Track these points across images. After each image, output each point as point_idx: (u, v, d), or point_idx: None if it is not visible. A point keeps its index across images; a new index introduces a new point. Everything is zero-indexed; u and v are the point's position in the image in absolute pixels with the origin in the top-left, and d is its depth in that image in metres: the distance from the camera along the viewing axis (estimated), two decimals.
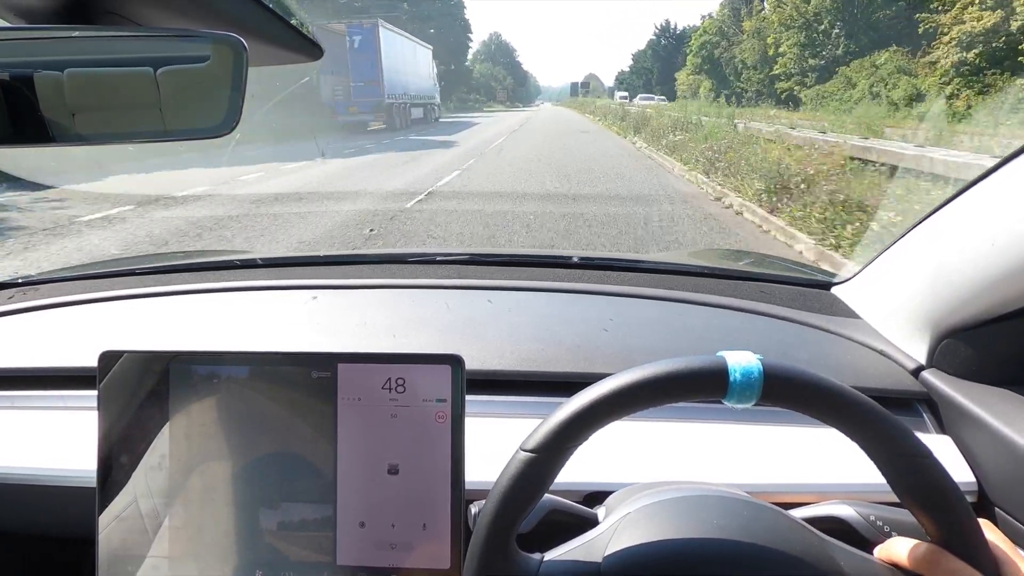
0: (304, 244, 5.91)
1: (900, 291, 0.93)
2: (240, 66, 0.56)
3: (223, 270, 1.35)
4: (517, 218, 6.86)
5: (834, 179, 6.74)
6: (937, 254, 0.83)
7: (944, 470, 0.53)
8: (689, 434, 0.81)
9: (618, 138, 20.06)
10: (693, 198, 8.47)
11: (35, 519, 0.82)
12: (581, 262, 1.33)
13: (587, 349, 0.94)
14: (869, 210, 5.76)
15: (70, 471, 0.77)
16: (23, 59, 0.55)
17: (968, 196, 0.78)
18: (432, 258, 1.34)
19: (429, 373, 0.63)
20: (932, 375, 0.87)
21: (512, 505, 0.53)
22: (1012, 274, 0.72)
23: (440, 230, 6.41)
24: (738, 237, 6.31)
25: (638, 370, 0.53)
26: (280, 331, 1.03)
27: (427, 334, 0.99)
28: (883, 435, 0.52)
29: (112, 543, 0.63)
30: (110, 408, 0.63)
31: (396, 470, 0.63)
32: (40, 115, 0.55)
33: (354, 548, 0.62)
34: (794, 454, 0.79)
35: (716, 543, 0.56)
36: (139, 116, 0.58)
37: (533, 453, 0.53)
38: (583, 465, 0.64)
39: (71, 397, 0.89)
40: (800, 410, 0.53)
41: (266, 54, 0.65)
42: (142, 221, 7.07)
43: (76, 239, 6.21)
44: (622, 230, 6.26)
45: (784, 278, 1.27)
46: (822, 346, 0.99)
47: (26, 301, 1.14)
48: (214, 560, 0.63)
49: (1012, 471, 0.71)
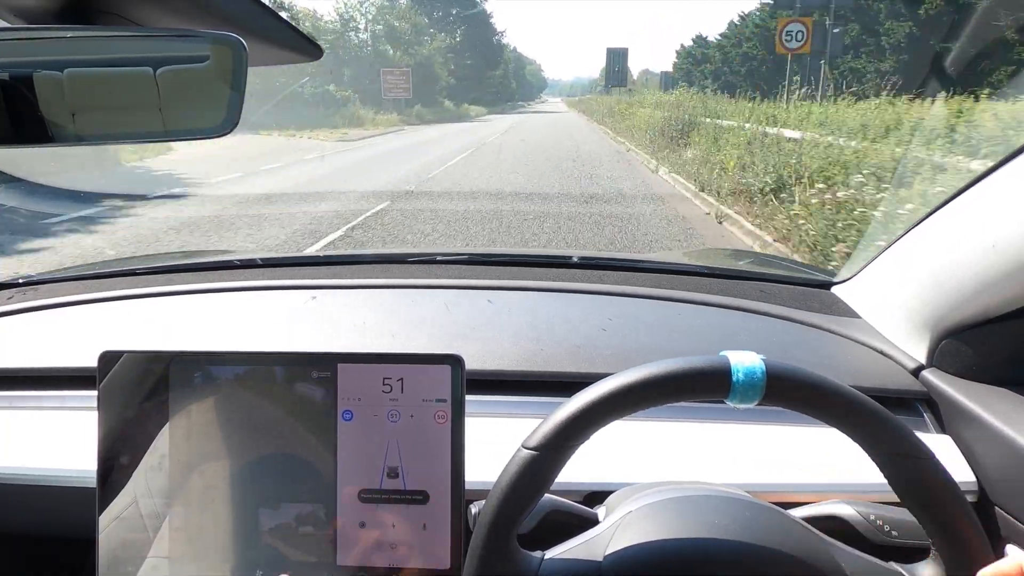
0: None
1: (900, 291, 0.93)
2: (240, 66, 0.56)
3: (223, 270, 1.35)
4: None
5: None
6: (937, 254, 0.83)
7: (945, 471, 0.53)
8: (689, 434, 0.81)
9: None
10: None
11: (35, 519, 0.82)
12: (581, 262, 1.33)
13: (587, 349, 0.94)
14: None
15: (70, 471, 0.77)
16: (23, 59, 0.55)
17: (968, 196, 0.78)
18: (432, 258, 1.34)
19: (429, 373, 0.63)
20: (932, 375, 0.87)
21: (513, 503, 0.53)
22: (1012, 274, 0.71)
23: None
24: None
25: (641, 369, 0.53)
26: (280, 331, 1.03)
27: (427, 334, 0.99)
28: (884, 436, 0.52)
29: (112, 543, 0.63)
30: (110, 408, 0.63)
31: (396, 470, 0.63)
32: (40, 115, 0.55)
33: (354, 548, 0.62)
34: (794, 454, 0.79)
35: (716, 543, 0.56)
36: (139, 116, 0.58)
37: (535, 451, 0.53)
38: (583, 465, 0.64)
39: (71, 397, 0.89)
40: (802, 410, 0.53)
41: (266, 54, 0.65)
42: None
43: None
44: None
45: (784, 278, 1.27)
46: (822, 346, 0.99)
47: (26, 301, 1.14)
48: (214, 560, 0.63)
49: (1012, 471, 0.71)
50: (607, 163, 13.01)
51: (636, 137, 16.15)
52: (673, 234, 6.55)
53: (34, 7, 0.54)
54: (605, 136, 21.13)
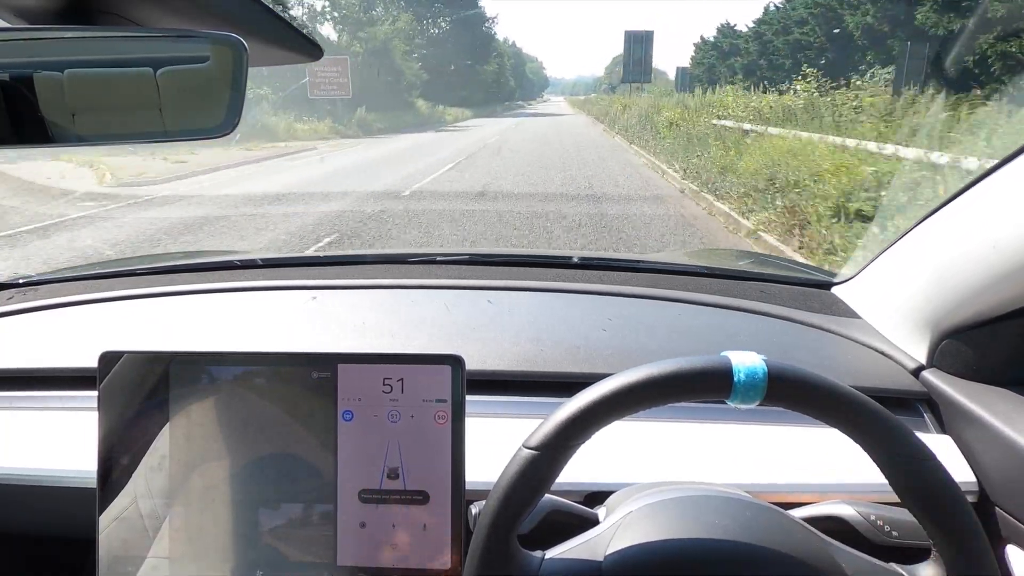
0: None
1: (900, 291, 0.93)
2: (240, 66, 0.56)
3: (223, 270, 1.35)
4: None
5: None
6: (937, 254, 0.83)
7: (947, 473, 0.53)
8: (689, 434, 0.81)
9: None
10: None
11: (35, 519, 0.82)
12: (581, 262, 1.33)
13: (587, 349, 0.94)
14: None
15: (70, 471, 0.77)
16: (23, 59, 0.55)
17: (968, 196, 0.78)
18: (432, 258, 1.34)
19: (429, 373, 0.63)
20: (932, 375, 0.87)
21: (514, 502, 0.53)
22: (1012, 274, 0.71)
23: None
24: None
25: (643, 369, 0.53)
26: (280, 331, 1.03)
27: (427, 334, 0.99)
28: (886, 438, 0.52)
29: (112, 543, 0.63)
30: (110, 408, 0.63)
31: (396, 470, 0.63)
32: (40, 115, 0.55)
33: (354, 548, 0.62)
34: (794, 454, 0.79)
35: (717, 543, 0.56)
36: (139, 117, 0.58)
37: (536, 450, 0.53)
38: (583, 465, 0.64)
39: (71, 397, 0.89)
40: (803, 411, 0.53)
41: (266, 54, 0.65)
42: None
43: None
44: None
45: (784, 278, 1.27)
46: (822, 346, 0.99)
47: (26, 301, 1.14)
48: (214, 561, 0.63)
49: (1012, 471, 0.71)
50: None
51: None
52: None
53: (34, 7, 0.54)
54: (647, 168, 11.87)
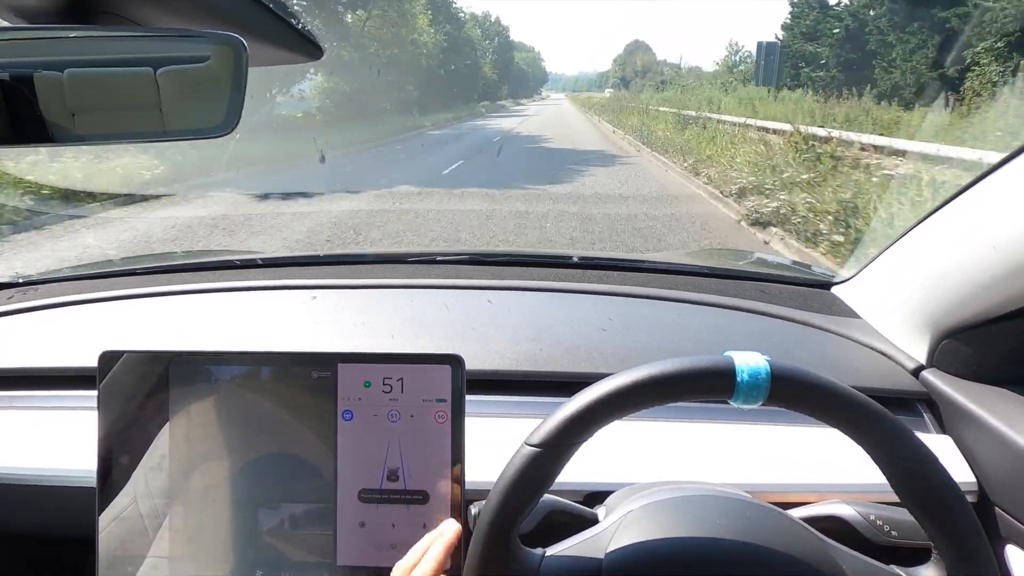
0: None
1: (900, 291, 0.93)
2: (240, 66, 0.56)
3: (223, 270, 1.35)
4: None
5: None
6: (937, 254, 0.83)
7: (947, 474, 0.53)
8: (689, 434, 0.81)
9: None
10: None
11: (35, 519, 0.82)
12: (581, 262, 1.33)
13: (587, 349, 0.94)
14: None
15: (70, 471, 0.77)
16: (23, 59, 0.55)
17: (968, 196, 0.78)
18: (432, 258, 1.34)
19: (429, 373, 0.63)
20: (932, 375, 0.87)
21: (516, 499, 0.53)
22: (1012, 274, 0.71)
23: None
24: None
25: (645, 368, 0.53)
26: (280, 331, 1.03)
27: (427, 334, 0.99)
28: (887, 439, 0.52)
29: (112, 543, 0.63)
30: (110, 408, 0.63)
31: (396, 470, 0.63)
32: (40, 115, 0.55)
33: (354, 548, 0.62)
34: (794, 454, 0.79)
35: (717, 542, 0.56)
36: (139, 116, 0.58)
37: (538, 448, 0.53)
38: (583, 465, 0.64)
39: (71, 397, 0.89)
40: (805, 412, 0.53)
41: (266, 54, 0.65)
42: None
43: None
44: None
45: (784, 278, 1.27)
46: (822, 346, 0.99)
47: (26, 301, 1.14)
48: (214, 560, 0.63)
49: (1012, 471, 0.71)
50: None
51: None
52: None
53: (34, 7, 0.54)
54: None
